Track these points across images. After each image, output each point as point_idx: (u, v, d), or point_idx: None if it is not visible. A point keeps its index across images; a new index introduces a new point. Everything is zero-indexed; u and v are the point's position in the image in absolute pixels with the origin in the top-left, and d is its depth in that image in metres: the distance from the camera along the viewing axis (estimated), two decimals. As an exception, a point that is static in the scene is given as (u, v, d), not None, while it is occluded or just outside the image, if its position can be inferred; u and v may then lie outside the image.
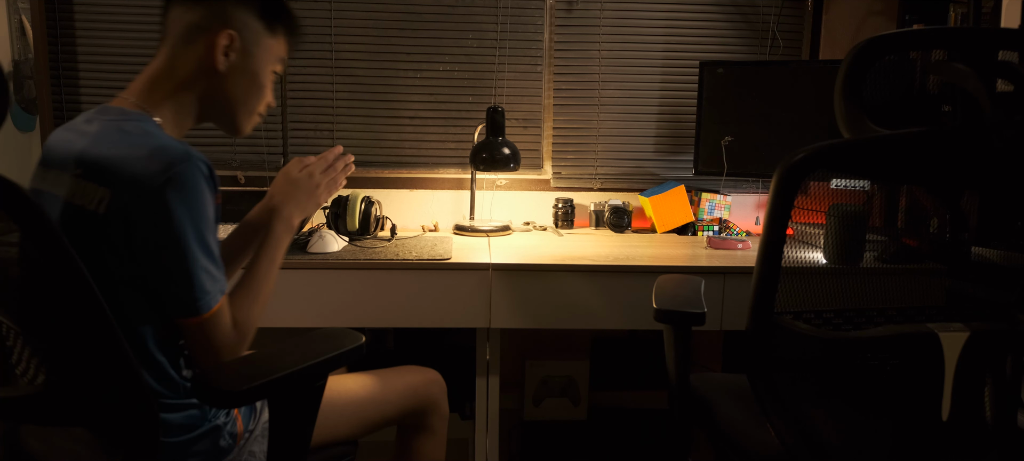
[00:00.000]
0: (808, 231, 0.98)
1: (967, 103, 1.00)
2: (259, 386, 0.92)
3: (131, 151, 0.98)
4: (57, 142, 1.09)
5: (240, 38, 1.11)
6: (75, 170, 1.00)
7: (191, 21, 1.10)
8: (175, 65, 1.11)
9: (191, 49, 1.11)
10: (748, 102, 2.14)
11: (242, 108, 1.17)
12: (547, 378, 2.44)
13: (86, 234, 0.97)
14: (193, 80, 1.12)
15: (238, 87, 1.14)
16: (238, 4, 1.12)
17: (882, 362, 1.02)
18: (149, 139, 1.00)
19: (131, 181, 0.95)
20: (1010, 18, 1.78)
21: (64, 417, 0.95)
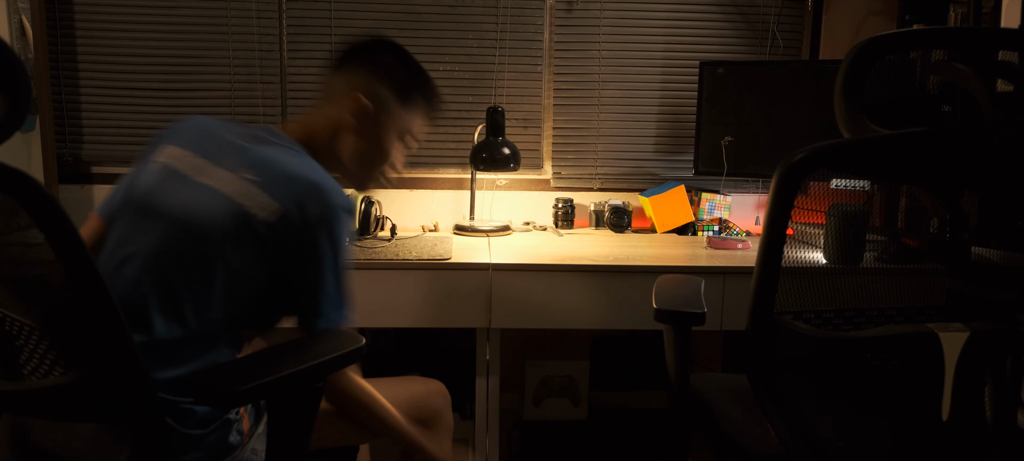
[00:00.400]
0: (808, 231, 0.98)
1: (967, 103, 1.00)
2: (257, 386, 0.91)
3: (303, 178, 1.11)
4: (213, 138, 1.19)
5: (372, 104, 1.23)
6: (249, 175, 1.10)
7: (339, 84, 1.25)
8: (320, 118, 1.25)
9: (333, 107, 1.24)
10: (748, 102, 2.14)
11: (363, 168, 1.30)
12: (547, 378, 2.44)
13: (241, 232, 1.07)
14: (331, 135, 1.25)
15: (361, 148, 1.26)
16: (376, 74, 1.25)
17: (882, 362, 1.02)
18: (318, 174, 1.13)
19: (300, 205, 1.08)
20: (1010, 18, 1.78)
21: (72, 412, 0.95)
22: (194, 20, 2.25)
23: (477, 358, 1.85)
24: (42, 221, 0.81)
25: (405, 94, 1.27)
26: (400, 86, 1.26)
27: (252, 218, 1.08)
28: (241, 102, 2.29)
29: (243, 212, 1.08)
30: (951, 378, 0.95)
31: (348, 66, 1.26)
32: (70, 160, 2.28)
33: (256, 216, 1.08)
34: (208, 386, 0.91)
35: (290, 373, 0.95)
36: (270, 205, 1.08)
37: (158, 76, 2.26)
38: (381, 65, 1.26)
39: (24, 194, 0.79)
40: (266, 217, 1.07)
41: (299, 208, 1.08)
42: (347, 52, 1.27)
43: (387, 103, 1.26)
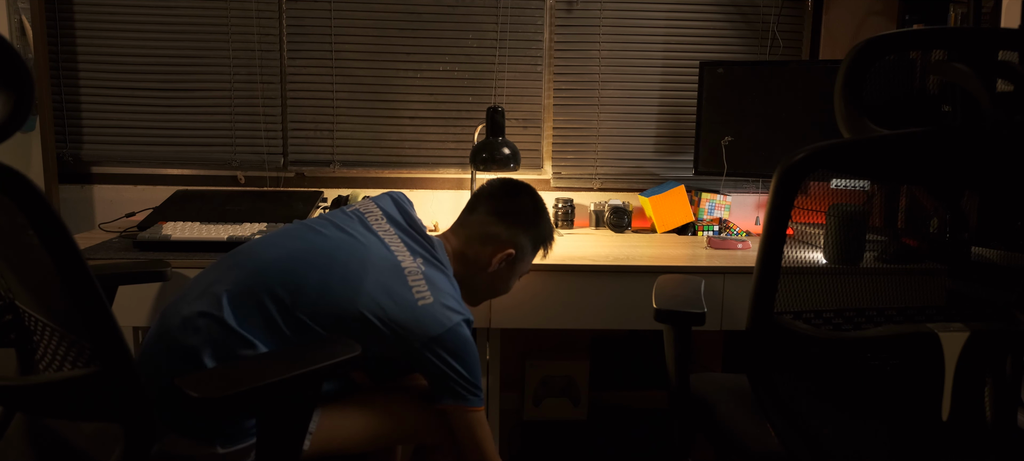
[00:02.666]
0: (808, 231, 0.98)
1: (967, 103, 1.00)
2: (242, 394, 0.91)
3: (451, 290, 1.27)
4: (399, 213, 1.37)
5: (516, 253, 1.41)
6: (420, 262, 1.27)
7: (494, 232, 1.40)
8: (470, 252, 1.41)
9: (482, 248, 1.40)
10: (748, 102, 2.14)
11: (487, 296, 1.49)
12: (547, 378, 2.44)
13: (393, 298, 1.20)
14: (474, 264, 1.41)
15: (492, 284, 1.45)
16: (526, 232, 1.42)
17: (882, 362, 1.02)
18: (453, 298, 1.27)
19: (443, 316, 1.21)
20: (1010, 18, 1.78)
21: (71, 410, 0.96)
22: (194, 20, 2.25)
23: (477, 358, 1.85)
24: (35, 221, 0.81)
25: (539, 244, 1.47)
26: (540, 238, 1.46)
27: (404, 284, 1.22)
28: (241, 102, 2.29)
29: (399, 270, 1.24)
30: (951, 378, 0.95)
31: (509, 218, 1.41)
32: (70, 160, 2.28)
33: (415, 301, 1.21)
34: (188, 395, 0.89)
35: (276, 382, 0.94)
36: (422, 292, 1.22)
37: (158, 76, 2.26)
38: (532, 221, 1.43)
39: (17, 193, 0.79)
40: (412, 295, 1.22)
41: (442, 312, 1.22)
42: (508, 201, 1.43)
43: (525, 253, 1.44)
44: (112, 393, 0.89)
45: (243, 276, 1.17)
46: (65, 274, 0.83)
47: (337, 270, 1.18)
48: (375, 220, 1.32)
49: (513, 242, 1.40)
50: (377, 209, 1.35)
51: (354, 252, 1.21)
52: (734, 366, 2.47)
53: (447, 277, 1.29)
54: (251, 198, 2.09)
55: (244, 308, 1.13)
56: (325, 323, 1.16)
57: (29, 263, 0.94)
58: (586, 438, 2.39)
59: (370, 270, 1.20)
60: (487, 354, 1.84)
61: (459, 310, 1.24)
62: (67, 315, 0.94)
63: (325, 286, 1.16)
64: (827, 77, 2.07)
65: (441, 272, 1.28)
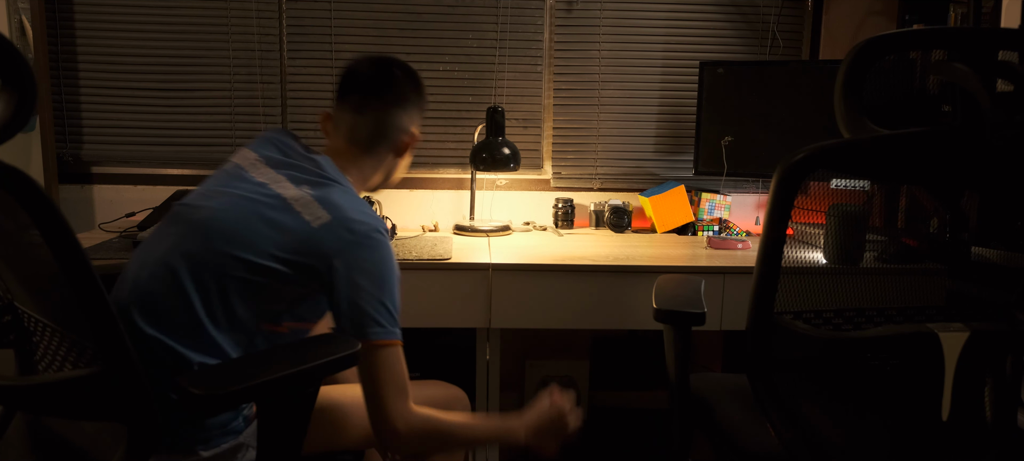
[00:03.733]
0: (808, 231, 0.98)
1: (967, 103, 1.00)
2: (242, 390, 0.91)
3: (350, 202, 1.18)
4: (283, 148, 1.26)
5: (417, 133, 1.38)
6: (306, 191, 1.18)
7: (392, 122, 1.33)
8: (368, 152, 1.33)
9: (386, 144, 1.34)
10: (748, 102, 2.14)
11: (395, 178, 1.43)
12: (547, 378, 2.44)
13: (287, 228, 1.13)
14: (381, 164, 1.36)
15: (405, 168, 1.43)
16: (421, 109, 1.38)
17: (882, 362, 1.02)
18: (361, 203, 1.21)
19: (345, 222, 1.14)
20: (1010, 18, 1.78)
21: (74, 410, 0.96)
22: (194, 20, 2.25)
23: (477, 358, 1.85)
24: (39, 219, 0.81)
25: (422, 111, 1.40)
26: (422, 109, 1.40)
27: (301, 219, 1.14)
28: (241, 102, 2.29)
29: (293, 211, 1.15)
30: (951, 378, 0.95)
31: (404, 106, 1.34)
32: (70, 160, 2.28)
33: (304, 217, 1.14)
34: (188, 391, 0.89)
35: (278, 378, 0.94)
36: (321, 213, 1.15)
37: (158, 76, 2.26)
38: (414, 92, 1.37)
39: (21, 192, 0.79)
40: (311, 221, 1.14)
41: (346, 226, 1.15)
42: (390, 83, 1.33)
43: (419, 126, 1.39)
44: (115, 392, 0.90)
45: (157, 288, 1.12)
46: (68, 274, 0.83)
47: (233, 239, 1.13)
48: (252, 166, 1.23)
49: (410, 126, 1.36)
50: (252, 154, 1.26)
51: (241, 212, 1.15)
52: (734, 366, 2.47)
53: (343, 189, 1.21)
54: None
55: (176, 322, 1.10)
56: (249, 296, 1.12)
57: (29, 263, 0.94)
58: (586, 438, 2.39)
59: (259, 220, 1.14)
60: (487, 354, 1.84)
61: (364, 220, 1.16)
62: (68, 315, 0.94)
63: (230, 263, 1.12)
64: (827, 77, 2.07)
65: (333, 188, 1.20)
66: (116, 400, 0.90)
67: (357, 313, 1.13)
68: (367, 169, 1.34)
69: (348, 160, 1.31)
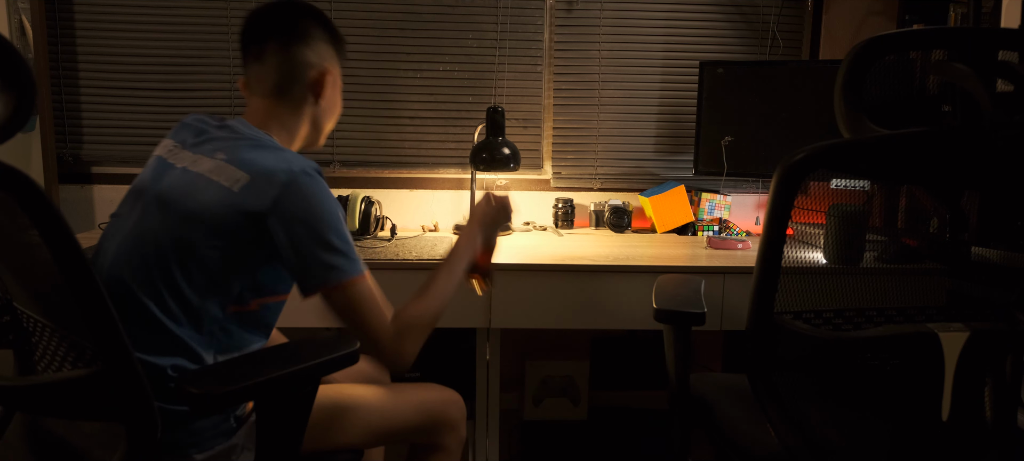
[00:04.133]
0: (808, 231, 0.98)
1: (967, 103, 1.00)
2: (241, 389, 0.91)
3: (269, 158, 1.13)
4: (194, 130, 1.23)
5: (333, 71, 1.29)
6: (220, 158, 1.14)
7: (297, 62, 1.24)
8: (282, 102, 1.25)
9: (296, 88, 1.25)
10: (748, 102, 2.14)
11: (327, 128, 1.34)
12: (547, 378, 2.44)
13: (211, 203, 1.09)
14: (300, 113, 1.27)
15: (328, 114, 1.32)
16: (330, 44, 1.29)
17: (882, 362, 1.02)
18: (280, 150, 1.17)
19: (266, 176, 1.09)
20: (1010, 18, 1.78)
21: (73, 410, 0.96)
22: (194, 20, 2.25)
23: (477, 358, 1.85)
24: (38, 220, 0.81)
25: (339, 49, 1.32)
26: (338, 45, 1.31)
27: (223, 188, 1.10)
28: (241, 102, 2.28)
29: (213, 183, 1.11)
30: (951, 378, 0.95)
31: (308, 43, 1.25)
32: (70, 160, 2.28)
33: (224, 185, 1.10)
34: (189, 391, 0.89)
35: (276, 377, 0.94)
36: (237, 174, 1.11)
37: (158, 76, 2.26)
38: (318, 27, 1.28)
39: (21, 193, 0.79)
40: (231, 186, 1.10)
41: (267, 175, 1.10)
42: (283, 21, 1.25)
43: (337, 64, 1.31)
44: (115, 392, 0.90)
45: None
46: (68, 273, 0.83)
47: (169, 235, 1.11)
48: (170, 154, 1.20)
49: (328, 61, 1.28)
50: (170, 142, 1.23)
51: (170, 206, 1.13)
52: (734, 366, 2.47)
53: (256, 143, 1.16)
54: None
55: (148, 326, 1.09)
56: (201, 284, 1.10)
57: (29, 263, 0.94)
58: (586, 438, 2.39)
59: (187, 207, 1.11)
60: (487, 354, 1.84)
61: (282, 166, 1.10)
62: (67, 315, 0.94)
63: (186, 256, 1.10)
64: (827, 77, 2.07)
65: (246, 145, 1.15)
66: (116, 400, 0.90)
67: (309, 264, 1.10)
68: (288, 120, 1.26)
69: (266, 116, 1.25)
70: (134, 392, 0.90)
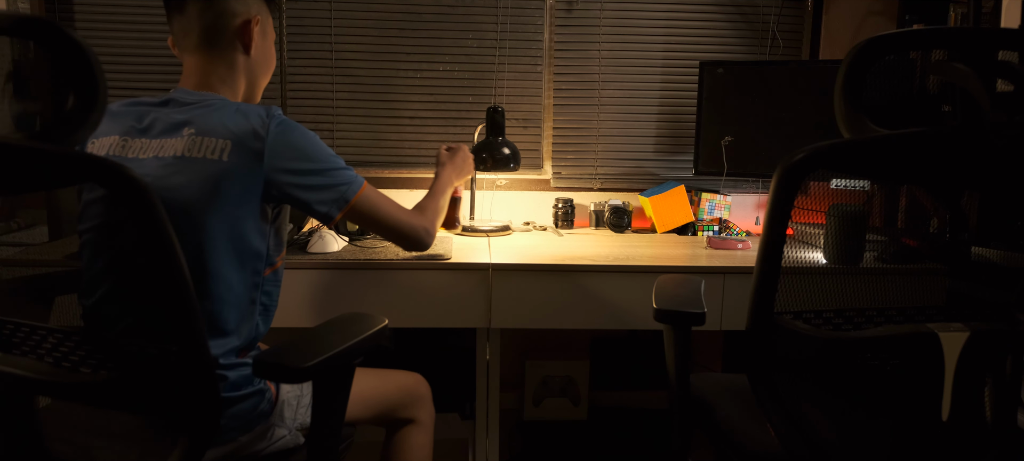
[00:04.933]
0: (808, 231, 0.98)
1: (967, 103, 1.00)
2: (318, 363, 0.96)
3: (236, 116, 1.15)
4: (133, 115, 1.20)
5: (262, 20, 1.26)
6: (188, 133, 1.13)
7: (219, 13, 1.21)
8: (213, 59, 1.22)
9: (224, 41, 1.22)
10: (748, 102, 2.14)
11: (263, 83, 1.33)
12: (547, 378, 2.44)
13: (211, 180, 1.10)
14: (233, 68, 1.24)
15: (262, 66, 1.30)
16: None
17: (882, 362, 1.02)
18: (238, 105, 1.17)
19: (247, 132, 1.12)
20: (1010, 18, 1.78)
21: (121, 404, 0.98)
22: (194, 20, 2.25)
23: (477, 358, 1.85)
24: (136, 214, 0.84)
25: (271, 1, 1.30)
26: None
27: (207, 161, 1.11)
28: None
29: (194, 160, 1.12)
30: (951, 378, 0.95)
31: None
32: (70, 160, 2.28)
33: (209, 158, 1.11)
34: (274, 364, 0.95)
35: (339, 351, 0.99)
36: (219, 144, 1.12)
37: (158, 76, 2.26)
38: None
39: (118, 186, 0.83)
40: (219, 156, 1.11)
41: (248, 133, 1.13)
42: None
43: (265, 13, 1.28)
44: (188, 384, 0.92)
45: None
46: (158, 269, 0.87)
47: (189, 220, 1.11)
48: (124, 147, 1.17)
49: (246, 8, 1.23)
50: (111, 140, 1.19)
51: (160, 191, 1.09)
52: (734, 366, 2.47)
53: (218, 107, 1.16)
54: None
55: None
56: (234, 263, 1.13)
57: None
58: (586, 438, 2.39)
59: (183, 193, 1.10)
60: (487, 354, 1.84)
61: (254, 119, 1.14)
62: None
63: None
64: (827, 77, 2.07)
65: (211, 110, 1.15)
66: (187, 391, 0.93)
67: (323, 195, 1.22)
68: (226, 75, 1.23)
69: (203, 76, 1.22)
70: (205, 383, 0.93)
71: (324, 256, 1.76)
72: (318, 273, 1.72)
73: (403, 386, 1.49)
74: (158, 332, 0.89)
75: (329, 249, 1.80)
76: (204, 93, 1.20)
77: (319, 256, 1.76)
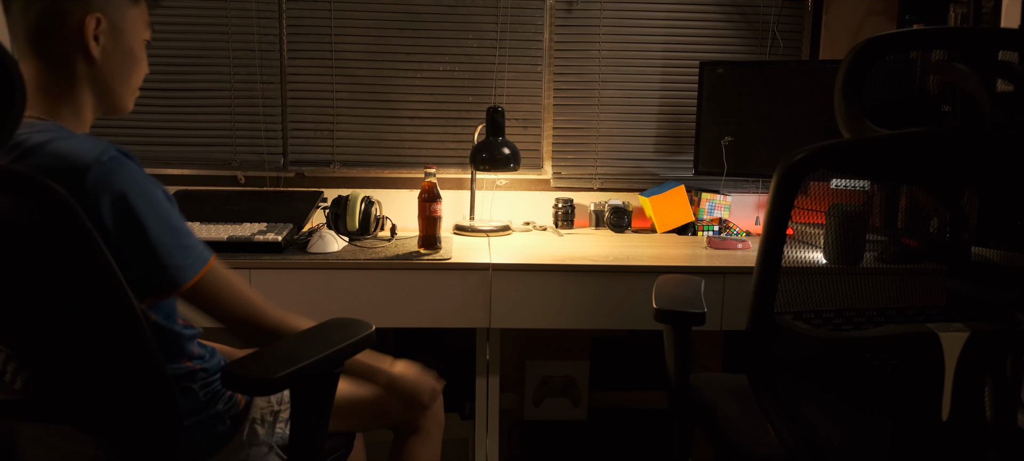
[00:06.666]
0: (808, 231, 0.98)
1: (967, 103, 1.00)
2: (289, 374, 0.92)
3: (53, 158, 0.93)
4: None
5: (106, 18, 1.03)
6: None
7: (46, 11, 0.99)
8: (48, 65, 1.02)
9: (57, 43, 1.01)
10: (748, 102, 2.14)
11: (124, 88, 1.12)
12: (547, 378, 2.44)
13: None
14: (73, 75, 1.03)
15: (116, 69, 1.08)
16: None
17: (882, 362, 1.02)
18: (65, 144, 0.95)
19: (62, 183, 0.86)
20: (1010, 18, 1.78)
21: (69, 419, 0.95)
22: (194, 20, 2.25)
23: (477, 358, 1.85)
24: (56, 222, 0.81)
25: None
26: None
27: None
28: (241, 102, 2.28)
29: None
30: (951, 378, 0.95)
31: None
32: (70, 160, 2.27)
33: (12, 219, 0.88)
34: (241, 376, 0.91)
35: (315, 360, 0.96)
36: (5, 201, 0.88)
37: (158, 76, 2.26)
38: None
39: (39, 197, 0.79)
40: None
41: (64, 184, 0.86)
42: None
43: (120, 8, 1.06)
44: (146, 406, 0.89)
45: None
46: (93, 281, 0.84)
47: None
48: None
49: (87, 5, 1.01)
50: None
51: None
52: (734, 366, 2.47)
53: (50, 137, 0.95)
54: (251, 198, 2.09)
55: None
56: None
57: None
58: (586, 438, 2.39)
59: None
60: (487, 354, 1.84)
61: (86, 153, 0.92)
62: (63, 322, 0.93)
63: None
64: (827, 77, 2.07)
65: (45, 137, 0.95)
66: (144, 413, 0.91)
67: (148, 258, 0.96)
68: (63, 91, 1.03)
69: (35, 93, 1.01)
70: (165, 405, 0.90)
71: (324, 256, 1.76)
72: (318, 273, 1.72)
73: (406, 392, 1.43)
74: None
75: (329, 249, 1.80)
76: (34, 122, 0.99)
77: (319, 256, 1.76)
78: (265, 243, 1.76)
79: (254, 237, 1.77)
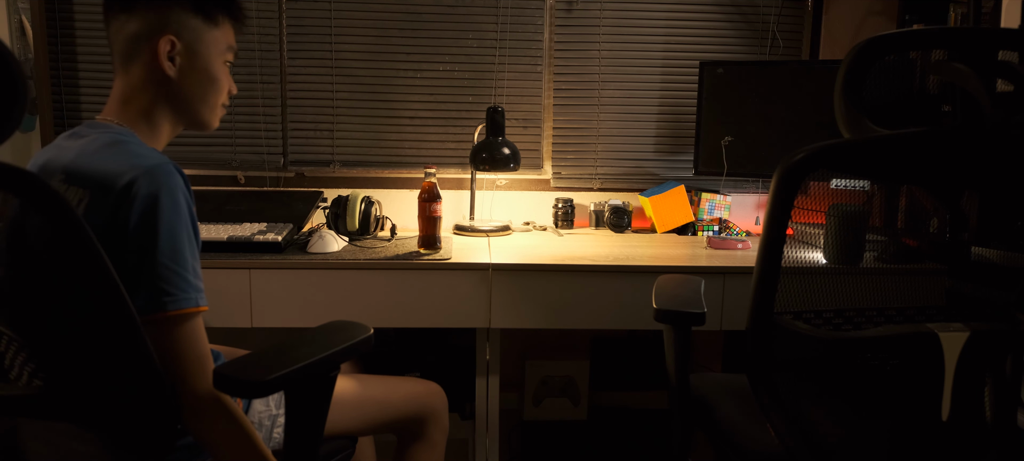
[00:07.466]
0: (808, 231, 0.98)
1: (967, 103, 1.00)
2: (283, 376, 0.91)
3: (110, 160, 1.00)
4: (46, 158, 1.09)
5: (181, 40, 1.11)
6: (60, 176, 1.02)
7: (130, 33, 1.10)
8: (131, 81, 1.11)
9: (139, 62, 1.11)
10: (748, 102, 2.14)
11: (203, 106, 1.17)
12: (547, 378, 2.44)
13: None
14: (152, 91, 1.12)
15: (193, 88, 1.14)
16: (171, 5, 1.11)
17: (882, 362, 1.02)
18: (126, 148, 1.02)
19: (106, 185, 0.96)
20: (1010, 18, 1.78)
21: (68, 416, 0.95)
22: (194, 20, 2.25)
23: (477, 358, 1.85)
24: (52, 220, 0.81)
25: (207, 12, 1.14)
26: (198, 6, 1.13)
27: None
28: (241, 102, 2.28)
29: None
30: (951, 378, 0.95)
31: (135, 10, 1.10)
32: (70, 160, 2.27)
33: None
34: (232, 378, 0.90)
35: (310, 363, 0.95)
36: (78, 194, 0.98)
37: (158, 76, 2.26)
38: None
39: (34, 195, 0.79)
40: (75, 208, 0.94)
41: (108, 187, 0.97)
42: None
43: (197, 30, 1.13)
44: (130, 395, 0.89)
45: None
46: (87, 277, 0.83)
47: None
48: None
49: (163, 27, 1.09)
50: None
51: None
52: (734, 366, 2.47)
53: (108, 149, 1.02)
54: (251, 198, 2.09)
55: None
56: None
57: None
58: (586, 438, 2.39)
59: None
60: (487, 354, 1.84)
61: (130, 167, 0.96)
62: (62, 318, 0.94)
63: None
64: (827, 77, 2.07)
65: (103, 150, 1.02)
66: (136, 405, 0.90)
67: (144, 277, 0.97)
68: (143, 105, 1.11)
69: (120, 104, 1.11)
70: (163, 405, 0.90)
71: (324, 256, 1.76)
72: (318, 273, 1.72)
73: (412, 397, 1.41)
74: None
75: (329, 249, 1.80)
76: (108, 124, 1.08)
77: (319, 256, 1.76)
78: (265, 243, 1.76)
79: (254, 237, 1.77)
